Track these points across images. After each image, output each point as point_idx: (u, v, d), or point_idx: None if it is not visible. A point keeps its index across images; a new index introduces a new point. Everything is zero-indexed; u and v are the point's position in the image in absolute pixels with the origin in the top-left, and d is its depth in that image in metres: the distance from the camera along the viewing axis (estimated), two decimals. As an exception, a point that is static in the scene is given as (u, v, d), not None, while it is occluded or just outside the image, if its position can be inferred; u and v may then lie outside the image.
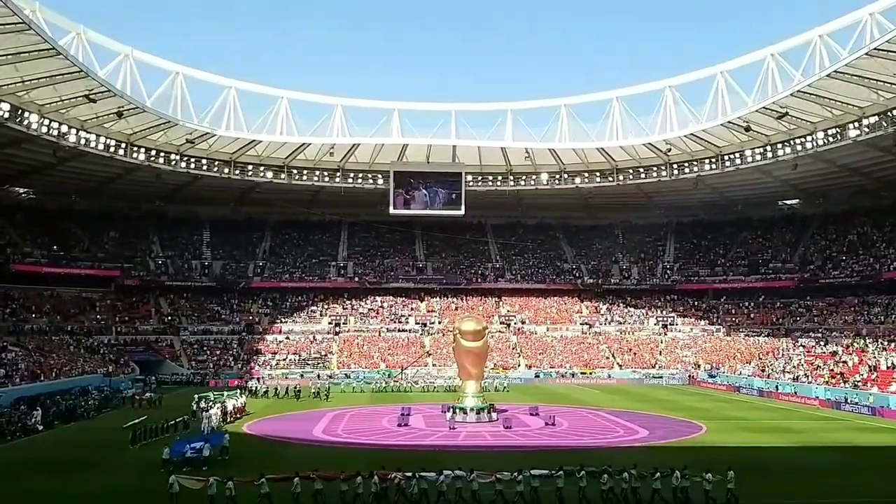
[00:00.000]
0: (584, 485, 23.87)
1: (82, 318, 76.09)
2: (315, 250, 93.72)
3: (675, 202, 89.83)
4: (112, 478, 28.30)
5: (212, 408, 43.65)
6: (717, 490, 23.88)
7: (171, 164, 71.58)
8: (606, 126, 73.89)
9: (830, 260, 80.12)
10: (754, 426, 44.26)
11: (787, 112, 60.12)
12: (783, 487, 27.21)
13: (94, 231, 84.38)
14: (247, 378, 69.42)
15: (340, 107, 73.29)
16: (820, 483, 28.08)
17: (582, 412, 50.86)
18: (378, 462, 27.29)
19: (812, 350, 68.15)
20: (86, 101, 56.00)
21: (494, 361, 75.14)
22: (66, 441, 38.63)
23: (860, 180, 74.70)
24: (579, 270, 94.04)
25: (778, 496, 25.73)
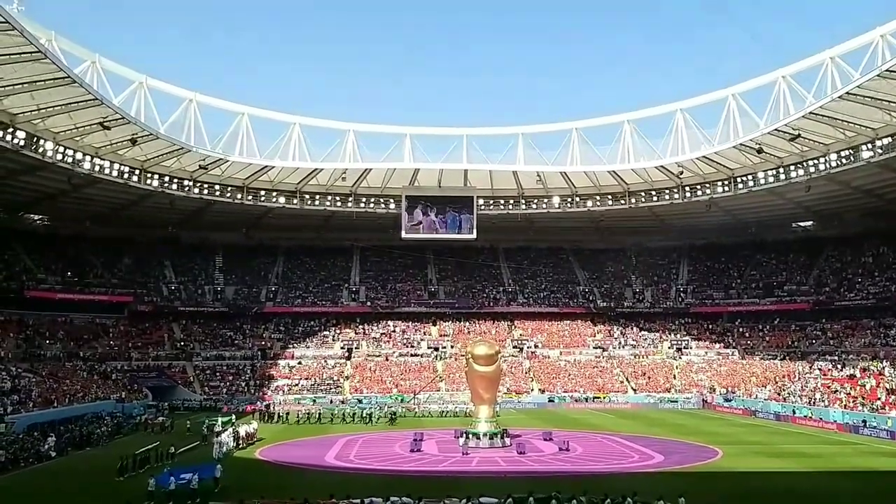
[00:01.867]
0: None
1: (95, 343, 76.27)
2: (327, 275, 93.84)
3: (687, 225, 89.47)
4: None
5: (223, 433, 43.61)
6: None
7: (184, 190, 72.04)
8: (618, 149, 73.96)
9: (846, 282, 79.47)
10: (771, 451, 43.68)
11: (799, 134, 59.94)
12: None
13: (108, 257, 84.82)
14: (264, 402, 69.11)
15: (352, 132, 73.71)
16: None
17: (596, 437, 50.39)
18: (391, 488, 27.10)
19: (829, 373, 67.40)
20: (100, 129, 56.60)
21: (507, 386, 74.74)
22: (77, 468, 38.43)
23: (874, 202, 74.17)
24: (592, 294, 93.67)
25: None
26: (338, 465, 38.30)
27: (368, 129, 76.54)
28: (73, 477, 35.50)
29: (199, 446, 44.79)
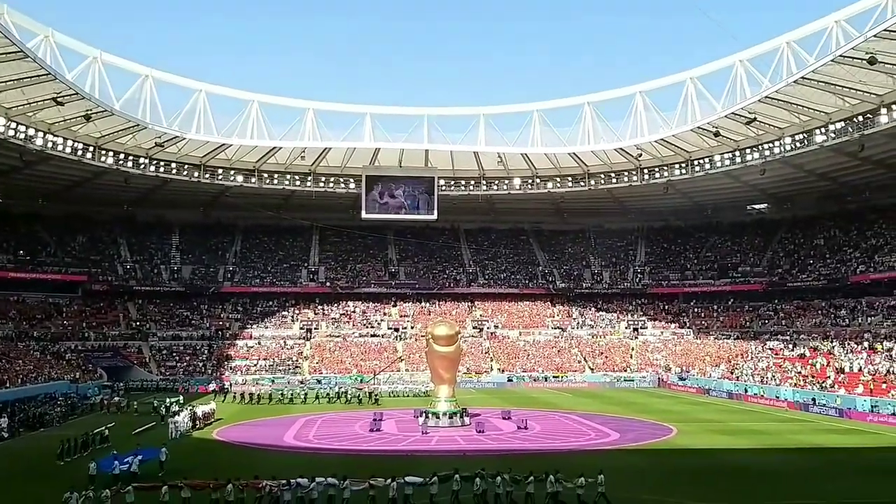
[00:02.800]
0: (457, 488, 23.87)
1: (49, 323, 74.90)
2: (286, 255, 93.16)
3: (646, 207, 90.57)
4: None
5: (179, 414, 43.24)
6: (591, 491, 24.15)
7: (139, 168, 70.81)
8: (578, 131, 74.33)
9: (798, 264, 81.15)
10: (724, 428, 44.63)
11: (755, 118, 60.83)
12: (751, 489, 27.42)
13: (62, 236, 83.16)
14: (221, 383, 68.62)
15: (312, 111, 72.97)
16: (787, 485, 28.32)
17: (554, 416, 50.95)
18: (350, 468, 27.12)
19: (780, 353, 68.91)
20: (53, 105, 55.22)
21: (467, 366, 75.13)
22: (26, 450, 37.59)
23: (827, 185, 75.88)
24: (552, 275, 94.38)
25: (746, 498, 25.89)
26: (296, 446, 38.21)
27: (328, 107, 75.81)
28: (20, 459, 34.85)
29: (157, 427, 44.36)
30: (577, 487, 23.92)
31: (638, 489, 27.01)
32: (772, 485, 28.29)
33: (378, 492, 23.59)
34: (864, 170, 69.23)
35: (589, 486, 23.99)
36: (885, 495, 26.51)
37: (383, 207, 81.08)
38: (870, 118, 56.24)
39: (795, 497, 25.99)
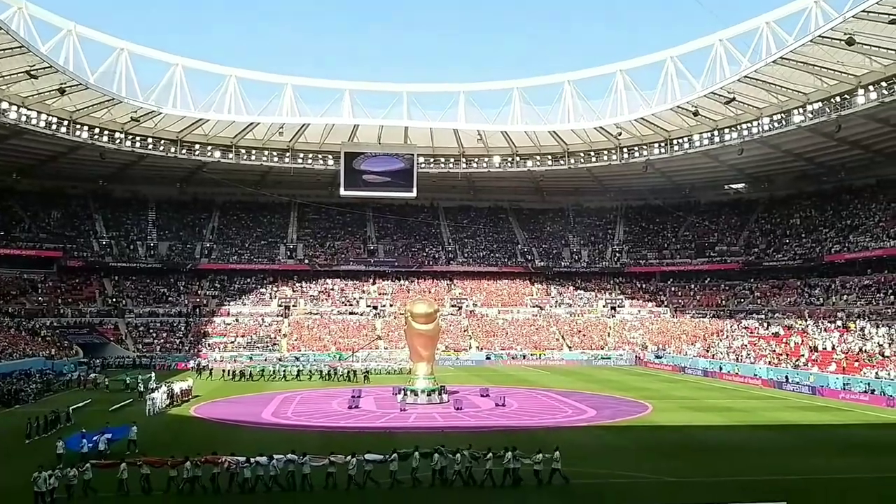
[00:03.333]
0: (416, 465, 24.03)
1: (23, 299, 74.15)
2: (264, 232, 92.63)
3: (625, 186, 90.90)
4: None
5: (156, 390, 43.05)
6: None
7: (115, 143, 70.01)
8: (558, 110, 74.29)
9: (774, 243, 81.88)
10: (698, 405, 45.13)
11: (734, 97, 61.08)
12: (724, 465, 27.76)
13: (36, 211, 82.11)
14: (199, 360, 68.41)
15: (290, 86, 72.39)
16: (759, 460, 28.71)
17: (532, 393, 51.26)
18: (328, 444, 27.15)
19: (755, 331, 69.68)
20: (27, 77, 54.41)
21: (446, 344, 75.32)
22: (1, 426, 37.38)
23: (804, 165, 76.51)
24: (531, 253, 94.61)
25: (719, 474, 26.20)
26: (274, 422, 38.17)
27: (306, 83, 75.24)
28: (10, 434, 34.41)
29: (134, 403, 44.15)
30: (534, 464, 24.10)
31: (614, 465, 27.28)
32: (744, 460, 28.65)
33: (338, 468, 23.63)
34: (840, 150, 69.86)
35: (546, 462, 24.21)
36: (855, 470, 26.96)
37: (362, 184, 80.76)
38: (847, 99, 56.65)
39: (768, 472, 26.32)
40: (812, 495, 21.41)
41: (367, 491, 23.36)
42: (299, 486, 23.25)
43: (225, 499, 22.65)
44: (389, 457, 23.97)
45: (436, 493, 23.46)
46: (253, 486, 23.11)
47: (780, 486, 22.72)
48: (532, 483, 23.82)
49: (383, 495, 23.19)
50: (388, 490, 23.34)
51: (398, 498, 23.06)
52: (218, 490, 23.00)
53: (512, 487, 23.78)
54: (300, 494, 23.04)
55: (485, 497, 23.16)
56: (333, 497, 22.98)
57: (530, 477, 24.01)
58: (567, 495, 22.11)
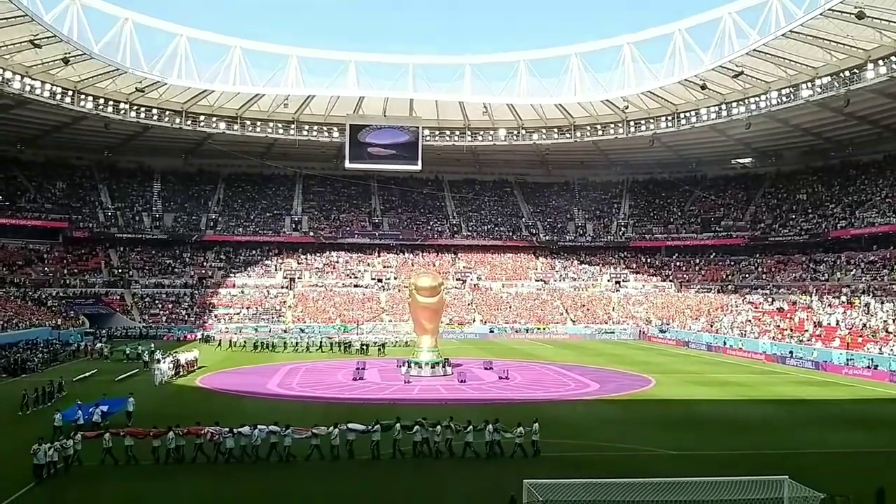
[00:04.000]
0: (398, 437, 24.14)
1: (29, 269, 74.41)
2: (269, 204, 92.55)
3: (631, 160, 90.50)
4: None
5: (162, 361, 43.31)
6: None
7: (119, 114, 69.83)
8: (565, 82, 73.76)
9: (780, 218, 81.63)
10: (702, 380, 45.26)
11: (742, 71, 60.57)
12: (727, 439, 27.90)
13: (41, 181, 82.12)
14: (204, 331, 68.87)
15: (295, 57, 71.94)
16: (762, 435, 28.84)
17: (535, 366, 51.46)
18: (332, 415, 27.32)
19: (760, 306, 69.70)
20: (30, 47, 54.15)
21: (450, 317, 75.50)
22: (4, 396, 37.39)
23: (812, 140, 76.08)
24: (535, 227, 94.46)
25: (722, 447, 26.34)
26: (279, 393, 38.42)
27: (312, 54, 74.79)
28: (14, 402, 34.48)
29: (139, 374, 44.50)
30: (514, 437, 24.26)
31: (616, 438, 27.44)
32: (747, 434, 28.79)
33: (321, 440, 23.80)
34: (848, 125, 69.42)
35: (526, 436, 24.37)
36: (857, 445, 27.07)
37: (367, 157, 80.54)
38: (856, 73, 56.15)
39: (770, 446, 26.47)
40: (814, 469, 21.49)
41: (350, 461, 23.56)
42: (282, 457, 23.42)
43: (208, 468, 22.82)
44: (372, 427, 24.15)
45: (417, 464, 23.64)
46: (240, 457, 23.32)
47: (782, 460, 22.83)
48: (517, 455, 24.01)
49: (365, 465, 23.40)
50: (369, 460, 23.55)
51: (380, 468, 23.26)
52: (207, 460, 23.21)
53: (512, 459, 23.89)
54: (282, 465, 23.22)
55: (479, 468, 23.32)
56: (316, 467, 23.14)
57: (511, 450, 24.18)
58: (569, 467, 22.23)
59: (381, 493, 20.72)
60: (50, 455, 21.06)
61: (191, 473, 22.35)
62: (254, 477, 22.05)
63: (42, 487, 20.46)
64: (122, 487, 20.83)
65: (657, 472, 20.52)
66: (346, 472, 22.79)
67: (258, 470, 22.78)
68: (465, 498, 20.31)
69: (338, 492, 20.78)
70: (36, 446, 20.98)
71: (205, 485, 21.31)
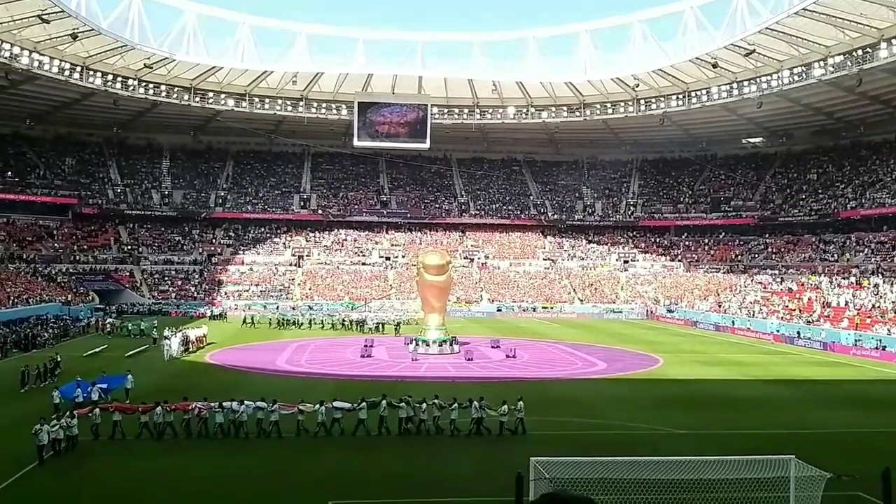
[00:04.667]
0: (384, 414, 24.30)
1: (39, 245, 74.75)
2: (278, 181, 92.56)
3: (641, 138, 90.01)
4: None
5: (171, 337, 43.57)
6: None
7: (128, 90, 69.75)
8: (575, 60, 73.21)
9: (790, 198, 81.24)
10: (709, 359, 45.26)
11: (754, 49, 60.07)
12: (734, 419, 27.96)
13: (51, 158, 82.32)
14: (213, 308, 69.23)
15: (304, 34, 71.59)
16: (770, 415, 28.88)
17: (542, 345, 51.57)
18: (340, 392, 27.47)
19: (769, 286, 69.56)
20: (39, 22, 54.02)
21: (457, 295, 75.59)
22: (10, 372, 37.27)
23: (823, 120, 75.55)
24: (544, 206, 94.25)
25: (729, 427, 26.40)
26: (288, 370, 38.66)
27: (321, 31, 74.48)
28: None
29: (149, 349, 44.83)
30: (500, 415, 24.42)
31: (623, 417, 27.54)
32: (754, 414, 28.85)
33: (307, 416, 24.01)
34: (860, 105, 68.92)
35: (511, 414, 24.53)
36: (864, 425, 27.10)
37: (375, 135, 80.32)
38: (869, 52, 55.63)
39: (777, 426, 26.51)
40: (821, 449, 21.53)
41: (336, 438, 23.76)
42: (268, 433, 23.62)
43: (195, 443, 23.04)
44: (358, 405, 24.31)
45: (426, 442, 23.84)
46: (229, 431, 23.57)
47: (789, 440, 22.86)
48: (504, 433, 24.29)
49: (351, 442, 23.58)
50: (354, 437, 23.72)
51: (366, 445, 23.43)
52: (189, 435, 23.49)
53: (519, 435, 24.15)
54: (269, 440, 23.42)
55: (486, 446, 23.46)
56: (302, 443, 23.35)
57: (496, 427, 24.40)
58: (576, 445, 22.33)
59: (388, 470, 20.87)
60: (55, 432, 20.82)
61: (194, 450, 22.56)
62: (266, 453, 22.25)
63: (44, 467, 20.22)
64: (124, 465, 20.93)
65: (664, 450, 20.60)
66: (354, 449, 22.96)
67: (270, 446, 23.01)
68: (472, 475, 20.45)
69: (347, 467, 20.94)
70: (38, 426, 20.59)
71: (210, 461, 21.50)
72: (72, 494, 18.96)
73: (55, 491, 19.09)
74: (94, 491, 19.13)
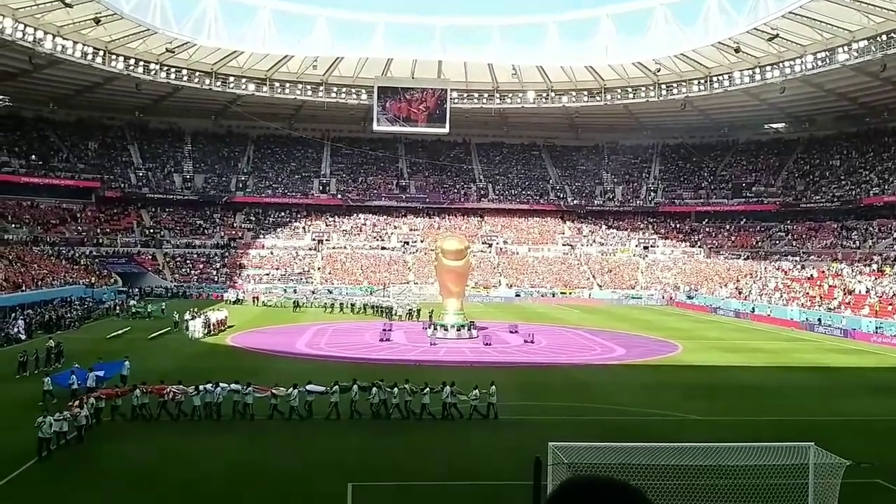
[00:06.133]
0: (355, 398, 24.48)
1: (63, 228, 75.54)
2: (298, 166, 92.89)
3: (662, 123, 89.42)
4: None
5: (195, 319, 44.08)
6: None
7: (150, 74, 70.13)
8: (595, 44, 72.77)
9: (812, 185, 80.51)
10: (729, 346, 45.12)
11: (777, 34, 59.39)
12: (754, 405, 27.93)
13: (73, 141, 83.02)
14: (236, 291, 69.86)
15: (324, 18, 71.59)
16: (789, 401, 28.82)
17: (561, 331, 51.62)
18: (359, 375, 27.71)
19: (790, 273, 69.09)
20: (61, 6, 54.42)
21: (475, 280, 75.64)
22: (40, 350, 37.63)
23: (846, 105, 74.70)
24: (563, 191, 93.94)
25: (748, 414, 26.41)
26: (308, 353, 39.02)
27: (341, 15, 74.47)
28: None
29: (171, 332, 45.36)
30: (470, 399, 24.57)
31: (642, 403, 27.59)
32: (774, 401, 28.80)
33: (280, 400, 24.30)
34: (884, 91, 68.02)
35: (482, 398, 24.67)
36: (885, 413, 26.94)
37: (395, 120, 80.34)
38: (893, 37, 54.88)
39: (797, 413, 26.48)
40: (841, 437, 21.50)
41: (309, 421, 24.02)
42: (242, 415, 23.93)
43: (170, 425, 23.26)
44: (331, 389, 24.55)
45: (444, 426, 24.10)
46: (206, 413, 23.86)
47: (809, 427, 22.83)
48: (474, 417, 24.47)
49: (368, 424, 23.84)
50: (327, 420, 23.96)
51: (383, 427, 23.70)
52: (175, 417, 23.74)
53: (491, 420, 24.43)
54: (243, 422, 23.70)
55: (503, 429, 23.62)
56: (275, 425, 23.63)
57: (468, 411, 24.58)
58: (595, 430, 22.46)
59: (406, 453, 21.14)
60: (59, 426, 19.85)
61: (210, 433, 22.81)
62: (279, 435, 22.63)
63: (45, 462, 19.27)
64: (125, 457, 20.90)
65: (683, 436, 20.66)
66: (371, 431, 23.22)
67: (285, 427, 23.35)
68: (489, 458, 20.61)
69: (365, 450, 21.20)
70: (41, 419, 19.41)
71: (226, 444, 21.72)
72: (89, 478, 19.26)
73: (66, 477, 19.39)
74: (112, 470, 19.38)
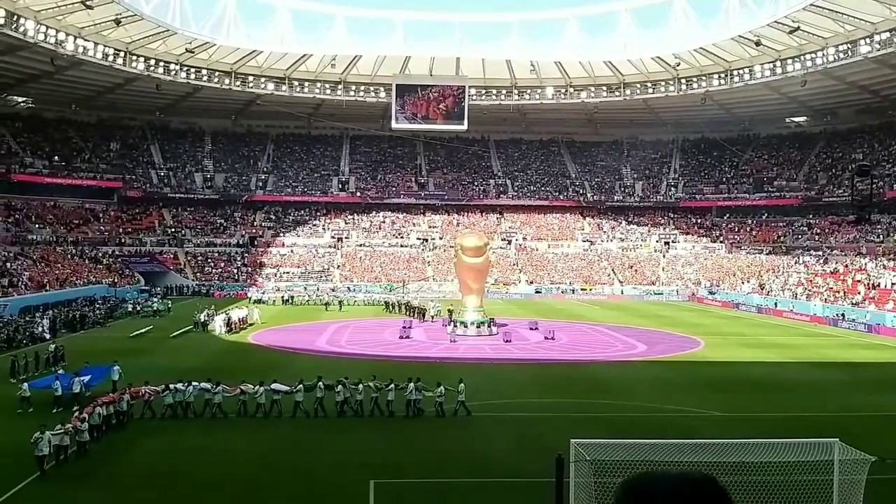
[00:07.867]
0: (320, 395, 24.46)
1: (85, 228, 76.28)
2: (317, 164, 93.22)
3: (682, 118, 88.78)
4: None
5: (215, 318, 44.38)
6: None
7: (170, 74, 70.62)
8: (614, 39, 72.38)
9: (835, 178, 79.66)
10: (751, 342, 44.80)
11: (798, 27, 58.83)
12: (777, 401, 27.70)
13: (95, 142, 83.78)
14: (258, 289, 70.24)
15: (342, 17, 71.75)
16: (813, 397, 28.57)
17: (581, 327, 51.41)
18: (379, 372, 27.76)
19: (812, 267, 68.45)
20: (82, 8, 54.88)
21: (495, 277, 75.58)
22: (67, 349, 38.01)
23: (869, 98, 73.80)
24: (582, 187, 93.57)
25: (771, 410, 26.19)
26: (328, 350, 39.15)
27: (359, 13, 74.56)
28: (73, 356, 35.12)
29: (192, 331, 45.69)
30: (436, 396, 24.51)
31: (664, 399, 27.44)
32: (797, 397, 28.55)
33: (248, 398, 24.46)
34: (908, 83, 67.14)
35: (449, 395, 24.60)
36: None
37: (413, 117, 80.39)
38: (918, 29, 54.20)
39: (821, 409, 26.23)
40: (866, 432, 21.29)
41: (275, 419, 24.11)
42: (211, 413, 24.06)
43: (139, 424, 23.36)
44: (295, 388, 24.65)
45: (437, 422, 24.13)
46: (177, 412, 23.96)
47: (833, 423, 22.64)
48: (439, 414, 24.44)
49: (388, 422, 23.95)
50: (292, 419, 24.04)
51: (403, 425, 23.80)
52: (141, 416, 23.80)
53: (461, 416, 24.35)
54: (213, 420, 23.84)
55: (523, 425, 23.57)
56: (244, 423, 23.69)
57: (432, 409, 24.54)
58: (617, 427, 22.38)
59: (427, 450, 21.18)
60: (59, 440, 18.54)
61: (227, 429, 22.96)
62: (287, 431, 22.78)
63: (44, 480, 17.90)
64: (157, 443, 21.31)
65: (705, 433, 20.54)
66: (391, 429, 23.30)
67: (303, 427, 23.48)
68: (511, 453, 20.58)
69: (386, 447, 21.25)
70: (38, 434, 17.88)
71: (247, 440, 21.86)
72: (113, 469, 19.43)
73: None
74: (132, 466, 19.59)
